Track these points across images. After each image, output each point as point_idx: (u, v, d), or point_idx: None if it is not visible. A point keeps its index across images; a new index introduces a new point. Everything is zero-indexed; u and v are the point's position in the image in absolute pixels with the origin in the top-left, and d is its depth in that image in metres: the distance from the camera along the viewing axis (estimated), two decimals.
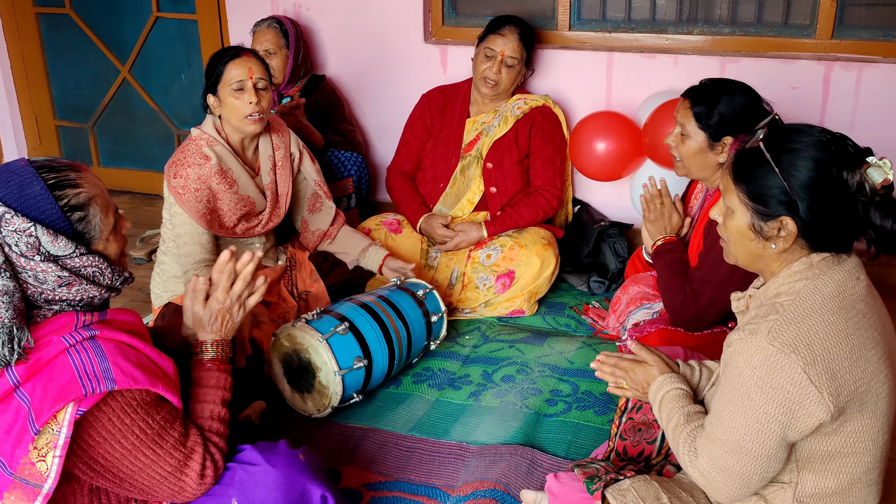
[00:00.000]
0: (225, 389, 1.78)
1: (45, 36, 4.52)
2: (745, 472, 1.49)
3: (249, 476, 1.67)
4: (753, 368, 1.43)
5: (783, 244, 1.50)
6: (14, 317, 1.47)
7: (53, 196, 1.52)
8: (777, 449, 1.47)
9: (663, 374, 1.73)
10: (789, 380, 1.41)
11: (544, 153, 3.29)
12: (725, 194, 1.57)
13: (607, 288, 3.30)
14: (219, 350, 1.83)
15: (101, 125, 4.63)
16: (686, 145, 2.39)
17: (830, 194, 1.46)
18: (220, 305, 1.83)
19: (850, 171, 1.45)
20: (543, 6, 3.57)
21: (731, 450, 1.49)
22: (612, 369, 1.81)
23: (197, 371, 1.80)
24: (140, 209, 4.42)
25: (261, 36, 3.54)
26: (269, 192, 2.78)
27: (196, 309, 1.84)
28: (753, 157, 1.51)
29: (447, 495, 2.15)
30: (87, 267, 1.56)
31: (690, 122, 2.36)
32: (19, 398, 1.51)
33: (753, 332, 1.45)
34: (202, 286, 1.84)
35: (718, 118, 2.30)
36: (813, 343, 1.42)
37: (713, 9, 3.38)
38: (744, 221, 1.54)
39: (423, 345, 2.76)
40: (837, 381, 1.42)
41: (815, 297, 1.47)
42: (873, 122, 3.24)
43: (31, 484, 1.50)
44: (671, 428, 1.64)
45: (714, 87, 2.35)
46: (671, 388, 1.70)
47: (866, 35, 3.22)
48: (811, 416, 1.43)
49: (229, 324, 1.85)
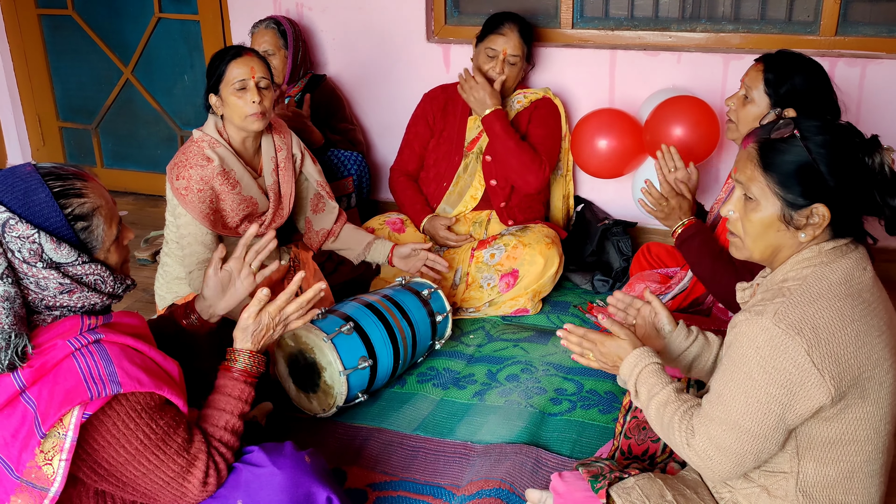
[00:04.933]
0: (246, 403, 1.79)
1: (48, 37, 4.53)
2: (741, 451, 1.49)
3: (255, 478, 1.67)
4: (757, 348, 1.44)
5: (813, 232, 1.50)
6: (14, 323, 1.47)
7: (58, 204, 1.52)
8: (775, 430, 1.47)
9: (637, 348, 1.69)
10: (792, 361, 1.42)
11: (536, 135, 3.27)
12: (750, 185, 1.54)
13: (611, 286, 3.30)
14: (253, 361, 1.84)
15: (105, 126, 4.64)
16: (746, 109, 2.33)
17: (857, 177, 1.48)
18: (270, 320, 1.86)
19: (870, 155, 1.48)
20: (546, 4, 3.56)
21: (730, 428, 1.49)
22: (578, 340, 1.76)
23: (223, 378, 1.81)
24: (144, 210, 4.43)
25: (259, 37, 3.53)
26: (272, 192, 2.78)
27: (246, 316, 1.86)
28: (783, 145, 1.51)
29: (452, 495, 2.15)
30: (89, 275, 1.57)
31: (759, 86, 2.30)
32: (25, 402, 1.51)
33: (759, 313, 1.46)
34: (265, 297, 1.87)
35: (789, 88, 2.25)
36: (818, 326, 1.43)
37: (716, 6, 3.38)
38: (772, 212, 1.52)
39: (428, 344, 2.76)
40: (840, 366, 1.43)
41: (822, 282, 1.48)
42: (877, 118, 3.23)
43: (38, 487, 1.50)
44: (655, 404, 1.62)
45: (792, 58, 2.30)
46: (649, 363, 1.66)
47: (870, 31, 3.21)
48: (811, 398, 1.43)
49: (268, 339, 1.88)
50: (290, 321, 1.91)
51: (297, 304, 1.89)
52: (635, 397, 1.68)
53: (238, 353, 1.83)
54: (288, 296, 1.88)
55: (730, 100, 2.41)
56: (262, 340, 1.87)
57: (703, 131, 3.10)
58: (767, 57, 2.33)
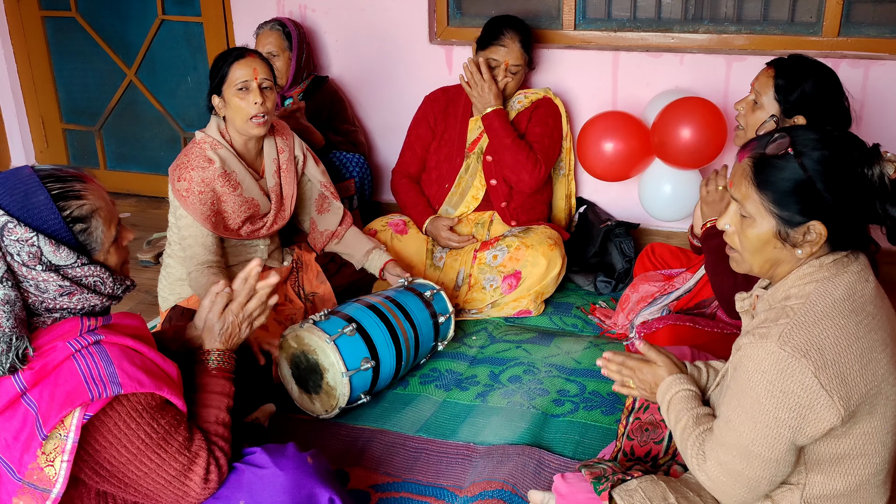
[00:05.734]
0: (229, 397, 1.80)
1: (52, 39, 4.54)
2: (754, 477, 1.48)
3: (258, 479, 1.67)
4: (764, 373, 1.42)
5: (810, 248, 1.47)
6: (14, 326, 1.48)
7: (57, 207, 1.52)
8: (787, 453, 1.46)
9: (672, 375, 1.71)
10: (800, 385, 1.40)
11: (533, 134, 3.27)
12: (744, 203, 1.51)
13: (614, 288, 3.30)
14: (223, 360, 1.84)
15: (108, 128, 4.64)
16: (756, 115, 2.30)
17: (855, 191, 1.44)
18: (233, 318, 1.85)
19: (869, 166, 1.45)
20: (548, 6, 3.57)
21: (741, 454, 1.48)
22: (618, 367, 1.78)
23: (202, 377, 1.81)
24: (146, 212, 4.43)
25: (264, 38, 3.54)
26: (274, 194, 2.78)
27: (210, 316, 1.85)
28: (777, 162, 1.47)
29: (455, 496, 2.15)
30: (89, 277, 1.57)
31: (769, 92, 2.26)
32: (26, 404, 1.51)
33: (764, 336, 1.44)
34: (225, 295, 1.85)
35: (800, 94, 2.21)
36: (824, 347, 1.41)
37: (719, 7, 3.38)
38: (767, 229, 1.49)
39: (431, 346, 2.76)
40: (848, 386, 1.41)
41: (825, 300, 1.45)
42: (881, 119, 3.22)
43: (40, 489, 1.50)
44: (679, 429, 1.64)
45: (803, 64, 2.26)
46: (680, 389, 1.68)
47: (873, 32, 3.21)
48: (822, 420, 1.41)
49: (236, 338, 1.87)
50: (255, 318, 1.89)
51: (256, 300, 1.87)
52: (668, 422, 1.69)
53: (210, 353, 1.83)
54: (247, 292, 1.86)
55: (739, 104, 2.37)
56: (230, 339, 1.86)
57: (711, 133, 3.10)
58: (779, 62, 2.29)
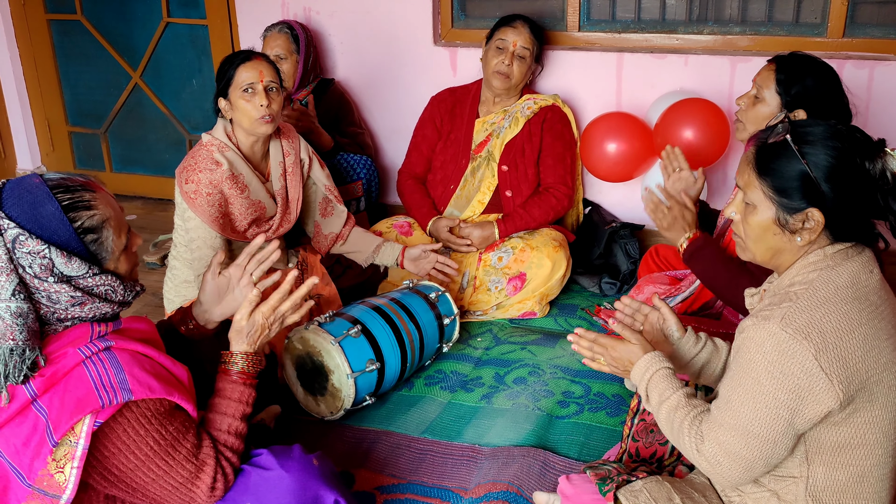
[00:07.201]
0: (247, 405, 1.79)
1: (57, 42, 4.55)
2: (750, 457, 1.49)
3: (263, 480, 1.68)
4: (765, 354, 1.44)
5: (809, 236, 1.51)
6: (28, 338, 1.48)
7: (68, 218, 1.52)
8: (784, 435, 1.47)
9: (648, 353, 1.69)
10: (800, 366, 1.41)
11: (554, 150, 3.29)
12: (747, 190, 1.56)
13: (619, 289, 3.30)
14: (249, 362, 1.83)
15: (113, 131, 4.65)
16: (756, 109, 2.33)
17: (854, 183, 1.48)
18: (264, 321, 1.85)
19: (871, 160, 1.48)
20: (553, 7, 3.57)
21: (739, 434, 1.49)
22: (589, 344, 1.77)
23: (222, 381, 1.80)
24: (152, 214, 4.44)
25: (271, 41, 3.54)
26: (280, 197, 2.79)
27: (239, 318, 1.85)
28: (777, 150, 1.51)
29: (460, 497, 2.15)
30: (100, 286, 1.57)
31: (770, 86, 2.29)
32: (37, 410, 1.52)
33: (766, 318, 1.46)
34: (255, 298, 1.85)
35: (801, 89, 2.25)
36: (825, 331, 1.43)
37: (723, 8, 3.37)
38: (768, 216, 1.54)
39: (436, 347, 2.77)
40: (848, 370, 1.43)
41: (828, 286, 1.48)
42: (886, 120, 3.22)
43: (50, 495, 1.51)
44: (666, 409, 1.62)
45: (804, 60, 2.29)
46: (661, 367, 1.66)
47: (878, 33, 3.20)
48: (820, 403, 1.43)
49: (265, 338, 1.87)
50: (287, 317, 1.89)
51: (291, 301, 1.87)
52: (646, 401, 1.68)
53: (234, 356, 1.82)
54: (281, 295, 1.86)
55: (740, 99, 2.40)
56: (258, 340, 1.85)
57: (714, 134, 3.09)
58: (780, 58, 2.33)
